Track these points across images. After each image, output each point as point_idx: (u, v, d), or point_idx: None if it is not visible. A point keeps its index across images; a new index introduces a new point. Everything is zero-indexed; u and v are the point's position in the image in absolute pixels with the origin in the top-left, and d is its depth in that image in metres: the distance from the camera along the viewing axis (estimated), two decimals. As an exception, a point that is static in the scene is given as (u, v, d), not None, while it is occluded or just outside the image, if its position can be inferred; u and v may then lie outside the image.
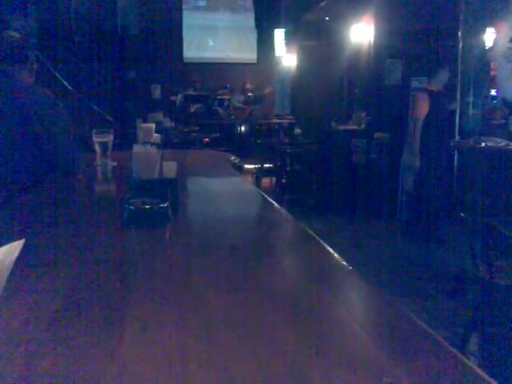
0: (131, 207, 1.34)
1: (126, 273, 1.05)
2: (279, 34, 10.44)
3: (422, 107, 4.49)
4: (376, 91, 6.40)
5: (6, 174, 2.05)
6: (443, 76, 4.58)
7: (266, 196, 1.89)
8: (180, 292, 0.92)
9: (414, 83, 5.77)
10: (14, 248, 0.37)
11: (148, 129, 2.86)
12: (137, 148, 1.47)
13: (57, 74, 7.60)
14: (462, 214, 2.09)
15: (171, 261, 1.13)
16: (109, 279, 0.99)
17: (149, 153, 1.45)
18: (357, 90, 7.75)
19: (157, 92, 10.63)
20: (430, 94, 4.54)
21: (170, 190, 1.43)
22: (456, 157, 4.96)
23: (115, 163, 2.54)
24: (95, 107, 8.35)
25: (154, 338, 0.73)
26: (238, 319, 0.81)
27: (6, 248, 0.36)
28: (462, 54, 5.61)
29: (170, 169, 1.50)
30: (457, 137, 5.25)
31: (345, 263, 1.08)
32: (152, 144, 1.55)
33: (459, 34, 5.49)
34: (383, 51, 6.36)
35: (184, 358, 0.67)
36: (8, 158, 2.06)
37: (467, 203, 4.60)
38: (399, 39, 6.04)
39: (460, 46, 5.56)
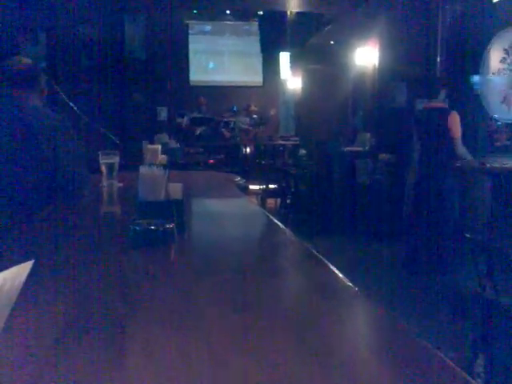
0: (137, 228, 1.35)
1: (131, 293, 1.05)
2: (284, 58, 10.56)
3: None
4: (381, 113, 6.44)
5: (14, 195, 2.07)
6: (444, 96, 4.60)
7: (270, 217, 1.90)
8: (184, 313, 0.93)
9: (419, 105, 5.80)
10: (24, 269, 0.37)
11: (154, 150, 2.89)
12: (143, 170, 1.48)
13: (64, 97, 7.69)
14: (467, 235, 2.08)
15: (176, 281, 1.13)
16: (114, 300, 0.99)
17: (155, 174, 1.47)
18: (361, 112, 7.81)
19: (163, 114, 10.72)
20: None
21: (176, 211, 1.44)
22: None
23: (121, 184, 2.56)
24: (102, 129, 8.42)
25: (158, 359, 0.73)
26: (242, 340, 0.81)
27: (15, 269, 0.37)
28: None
29: (176, 190, 1.51)
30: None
31: (350, 284, 1.08)
32: (158, 165, 1.57)
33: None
34: (387, 74, 6.42)
35: (188, 380, 0.67)
36: (16, 180, 2.08)
37: (472, 224, 4.58)
38: (403, 62, 6.10)
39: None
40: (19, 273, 0.37)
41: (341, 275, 1.14)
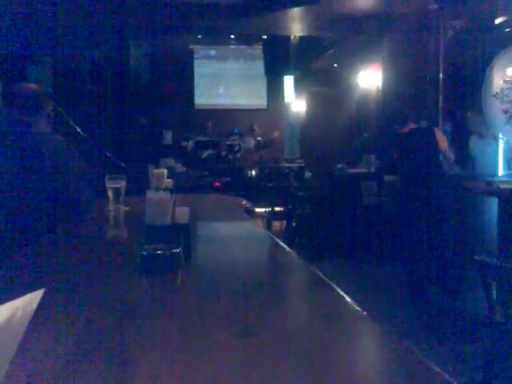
0: (144, 252, 1.35)
1: (139, 318, 1.05)
2: (288, 81, 10.66)
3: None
4: (385, 135, 6.46)
5: (21, 219, 2.08)
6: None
7: (277, 240, 1.90)
8: (192, 337, 0.92)
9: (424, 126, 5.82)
10: (35, 297, 0.38)
11: (160, 174, 2.90)
12: (150, 194, 1.49)
13: (70, 121, 7.77)
14: (476, 258, 2.07)
15: (183, 305, 1.13)
16: (121, 324, 0.99)
17: (162, 199, 1.47)
18: (365, 134, 7.83)
19: (168, 138, 10.80)
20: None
21: (183, 235, 1.44)
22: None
23: (127, 208, 2.57)
24: (107, 153, 8.48)
25: (167, 381, 0.73)
26: (249, 364, 0.80)
27: (27, 297, 0.37)
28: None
29: (183, 214, 1.51)
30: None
31: (358, 308, 1.07)
32: (165, 190, 1.57)
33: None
34: (391, 96, 6.46)
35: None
36: (23, 204, 2.09)
37: (481, 246, 4.54)
38: (407, 84, 6.14)
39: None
40: (31, 301, 0.37)
41: (348, 299, 1.14)
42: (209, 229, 2.26)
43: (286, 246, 1.77)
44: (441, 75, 5.76)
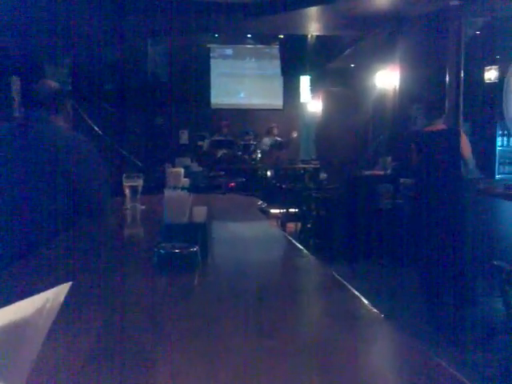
0: (161, 251, 1.36)
1: (156, 316, 1.05)
2: (305, 81, 10.63)
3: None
4: (401, 136, 6.41)
5: (39, 216, 2.10)
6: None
7: (293, 241, 1.89)
8: (209, 336, 0.92)
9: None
10: (62, 290, 0.38)
11: (177, 173, 2.91)
12: (168, 193, 1.49)
13: (88, 120, 7.84)
14: (494, 263, 2.05)
15: (200, 304, 1.13)
16: (139, 323, 0.99)
17: (180, 198, 1.48)
18: (381, 136, 7.79)
19: (184, 137, 10.84)
20: None
21: (200, 234, 1.45)
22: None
23: (144, 207, 2.58)
24: (124, 152, 8.55)
25: (186, 382, 0.73)
26: (267, 365, 0.80)
27: (56, 290, 0.37)
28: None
29: (200, 213, 1.52)
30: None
31: (376, 310, 1.07)
32: (183, 189, 1.58)
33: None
34: (408, 97, 6.41)
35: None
36: (41, 201, 2.10)
37: (500, 251, 4.48)
38: (424, 85, 6.09)
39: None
40: (59, 293, 0.37)
41: (365, 301, 1.13)
42: (225, 228, 2.26)
43: (303, 248, 1.76)
44: (462, 75, 5.70)
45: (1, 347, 0.35)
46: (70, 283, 0.40)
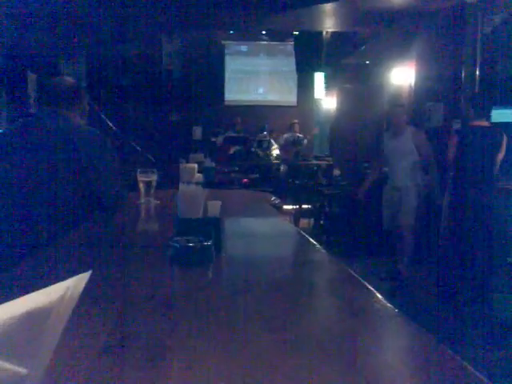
0: (176, 245, 1.37)
1: (171, 309, 1.06)
2: (319, 78, 10.60)
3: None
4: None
5: (55, 210, 2.12)
6: None
7: (307, 237, 1.89)
8: (224, 329, 0.93)
9: (456, 125, 5.72)
10: (82, 279, 0.39)
11: (191, 169, 2.92)
12: (182, 187, 1.50)
13: (102, 116, 7.89)
14: (509, 259, 2.03)
15: (215, 298, 1.13)
16: (154, 315, 1.00)
17: (194, 192, 1.49)
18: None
19: (198, 133, 10.86)
20: None
21: (214, 228, 1.45)
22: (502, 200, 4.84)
23: (158, 202, 2.60)
24: (138, 148, 8.58)
25: (200, 374, 0.73)
26: (281, 358, 0.80)
27: (76, 278, 0.38)
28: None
29: (214, 208, 1.52)
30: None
31: (390, 305, 1.06)
32: (197, 183, 1.59)
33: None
34: (424, 94, 6.37)
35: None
36: (58, 196, 2.13)
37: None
38: (440, 82, 6.04)
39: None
40: (79, 282, 0.38)
41: (380, 296, 1.13)
42: (238, 223, 2.27)
43: (316, 244, 1.76)
44: (477, 72, 5.64)
45: (24, 334, 0.35)
46: (89, 272, 0.41)
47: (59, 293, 0.36)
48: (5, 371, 0.35)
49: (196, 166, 3.03)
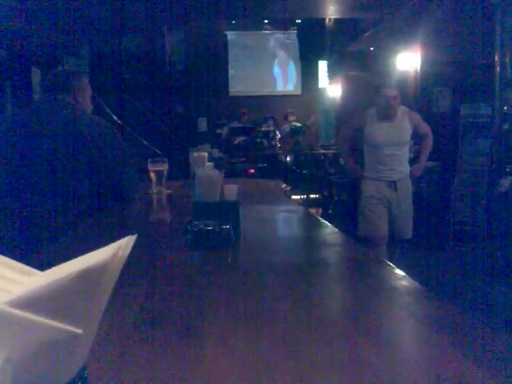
0: (195, 229, 1.36)
1: (198, 288, 1.06)
2: (323, 66, 10.54)
3: None
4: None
5: (67, 200, 2.11)
6: None
7: (322, 220, 1.89)
8: (249, 306, 0.93)
9: (464, 110, 5.69)
10: (130, 241, 0.38)
11: (201, 157, 2.92)
12: (200, 172, 1.50)
13: (107, 109, 7.89)
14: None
15: (239, 278, 1.13)
16: (181, 294, 1.00)
17: (211, 176, 1.48)
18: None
19: (203, 125, 10.85)
20: None
21: (231, 212, 1.45)
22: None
23: (170, 191, 2.60)
24: (144, 140, 8.59)
25: (234, 347, 0.73)
26: (312, 331, 0.80)
27: (125, 240, 0.38)
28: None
29: (231, 192, 1.52)
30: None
31: (414, 281, 1.06)
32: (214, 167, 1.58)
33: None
34: (431, 79, 6.32)
35: (265, 366, 0.67)
36: (69, 185, 2.11)
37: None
38: (447, 67, 5.99)
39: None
40: (128, 243, 0.37)
41: (402, 272, 1.12)
42: (254, 208, 2.27)
43: (332, 226, 1.76)
44: (496, 58, 5.56)
45: (79, 294, 0.35)
46: (135, 235, 0.40)
47: (112, 251, 0.35)
48: (61, 332, 0.34)
49: (206, 154, 3.03)
